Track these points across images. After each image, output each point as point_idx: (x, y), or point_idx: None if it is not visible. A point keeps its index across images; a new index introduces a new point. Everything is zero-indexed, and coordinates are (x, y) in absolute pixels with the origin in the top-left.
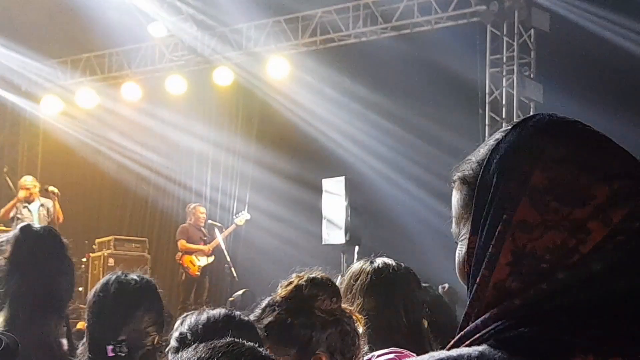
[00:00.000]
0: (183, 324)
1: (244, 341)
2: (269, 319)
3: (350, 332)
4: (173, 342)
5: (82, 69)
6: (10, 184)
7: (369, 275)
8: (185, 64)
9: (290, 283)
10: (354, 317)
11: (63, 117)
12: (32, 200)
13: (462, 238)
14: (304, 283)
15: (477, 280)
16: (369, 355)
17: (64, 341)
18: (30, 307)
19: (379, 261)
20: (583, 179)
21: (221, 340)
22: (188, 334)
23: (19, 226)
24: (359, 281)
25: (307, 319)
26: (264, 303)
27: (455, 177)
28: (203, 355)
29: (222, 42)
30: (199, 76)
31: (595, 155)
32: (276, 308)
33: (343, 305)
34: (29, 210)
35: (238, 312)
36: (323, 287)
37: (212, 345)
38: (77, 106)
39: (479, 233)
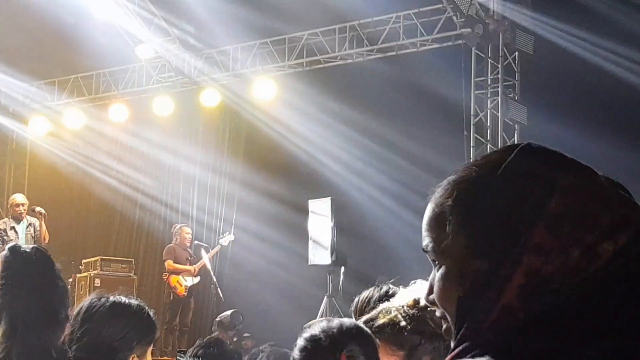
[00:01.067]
0: (312, 328)
1: None
2: (383, 320)
3: None
4: (302, 342)
5: (70, 90)
6: None
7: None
8: (172, 85)
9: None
10: None
11: (50, 137)
12: (22, 219)
13: (443, 260)
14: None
15: (480, 303)
16: None
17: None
18: (26, 319)
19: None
20: (592, 206)
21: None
22: (322, 336)
23: (7, 246)
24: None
25: (419, 326)
26: (379, 307)
27: (436, 198)
28: None
29: (209, 63)
30: (186, 97)
31: (595, 183)
32: (392, 311)
33: None
34: (16, 232)
35: (362, 325)
36: None
37: None
38: (64, 127)
39: (481, 257)
